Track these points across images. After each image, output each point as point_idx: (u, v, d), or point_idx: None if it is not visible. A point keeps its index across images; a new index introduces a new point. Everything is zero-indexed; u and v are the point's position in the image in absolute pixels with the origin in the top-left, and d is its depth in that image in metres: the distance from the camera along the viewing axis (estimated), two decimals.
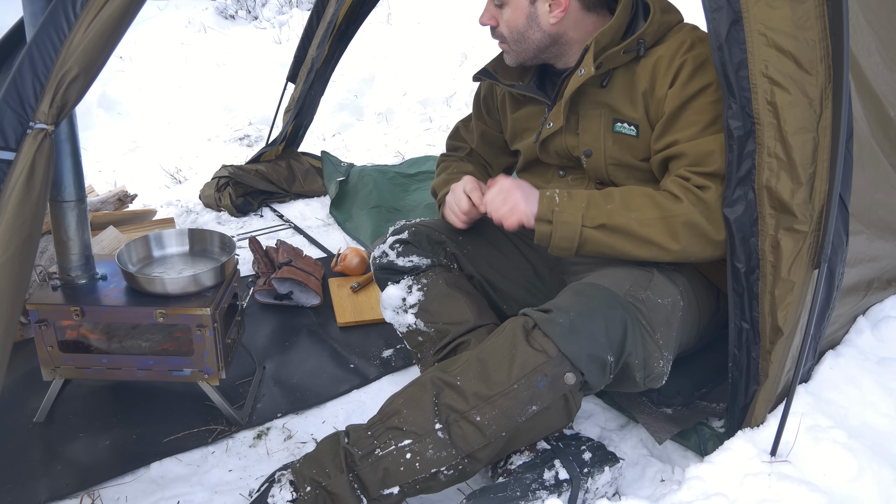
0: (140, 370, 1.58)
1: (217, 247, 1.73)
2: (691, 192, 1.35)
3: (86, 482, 1.47)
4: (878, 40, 1.51)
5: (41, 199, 1.15)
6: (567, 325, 1.26)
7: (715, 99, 1.38)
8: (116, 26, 1.19)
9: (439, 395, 1.27)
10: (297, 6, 6.71)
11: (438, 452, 1.24)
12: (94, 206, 2.53)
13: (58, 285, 1.58)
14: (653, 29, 1.44)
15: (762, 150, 1.27)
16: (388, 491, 1.24)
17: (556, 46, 1.53)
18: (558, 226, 1.39)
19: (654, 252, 1.38)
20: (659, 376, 1.36)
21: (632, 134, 1.49)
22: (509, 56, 1.59)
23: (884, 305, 1.75)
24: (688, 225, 1.35)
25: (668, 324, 1.37)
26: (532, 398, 1.24)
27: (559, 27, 1.49)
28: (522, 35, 1.51)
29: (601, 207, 1.38)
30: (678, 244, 1.36)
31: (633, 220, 1.36)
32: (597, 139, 1.53)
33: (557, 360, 1.24)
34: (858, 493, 1.26)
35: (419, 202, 2.89)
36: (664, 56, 1.42)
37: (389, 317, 1.66)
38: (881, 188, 1.56)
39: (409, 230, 1.67)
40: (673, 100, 1.40)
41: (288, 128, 3.01)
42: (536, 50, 1.53)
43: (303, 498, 1.24)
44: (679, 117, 1.40)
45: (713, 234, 1.35)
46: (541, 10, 1.48)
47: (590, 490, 1.35)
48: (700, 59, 1.40)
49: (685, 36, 1.44)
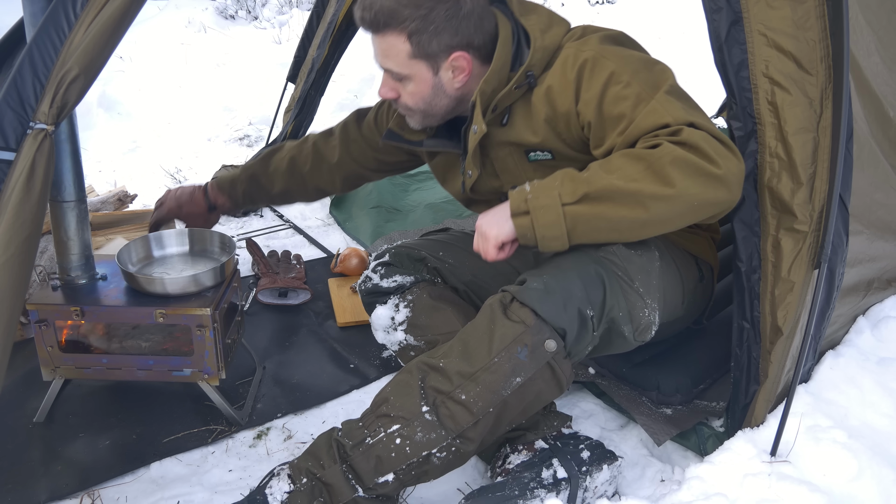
0: (140, 370, 1.58)
1: (217, 247, 1.73)
2: (666, 139, 1.23)
3: (86, 482, 1.47)
4: (878, 40, 1.51)
5: (41, 199, 1.15)
6: (542, 288, 1.25)
7: (624, 83, 1.30)
8: (117, 26, 1.19)
9: (425, 378, 1.28)
10: (297, 6, 6.71)
11: (428, 434, 1.24)
12: (94, 206, 2.53)
13: (58, 285, 1.58)
14: (538, 57, 1.40)
15: (764, 151, 1.27)
16: (383, 479, 1.24)
17: (461, 104, 1.51)
18: (536, 212, 1.26)
19: (653, 207, 1.22)
20: (647, 327, 1.34)
21: (548, 158, 1.46)
22: (413, 121, 1.55)
23: (884, 305, 1.75)
24: (676, 162, 1.20)
25: (646, 271, 1.33)
26: (514, 370, 1.24)
27: (464, 88, 1.47)
28: (429, 104, 1.48)
29: (577, 179, 1.26)
30: (673, 187, 1.20)
31: (617, 179, 1.22)
32: (517, 175, 1.50)
33: (536, 329, 1.24)
34: (858, 493, 1.27)
35: (419, 202, 2.89)
36: (554, 79, 1.38)
37: (381, 338, 1.67)
38: (880, 188, 1.57)
39: (390, 252, 1.68)
40: (587, 108, 1.34)
41: (288, 128, 3.01)
42: (444, 114, 1.52)
43: (299, 490, 1.25)
44: (603, 119, 1.33)
45: (708, 166, 1.20)
46: (445, 79, 1.45)
47: (589, 489, 1.35)
48: (590, 59, 1.34)
49: (567, 51, 1.39)
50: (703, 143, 1.20)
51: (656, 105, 1.26)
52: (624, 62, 1.32)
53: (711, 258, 1.59)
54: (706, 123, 1.25)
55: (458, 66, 1.43)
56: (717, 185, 1.21)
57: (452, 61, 1.42)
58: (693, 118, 1.24)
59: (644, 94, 1.29)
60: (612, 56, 1.34)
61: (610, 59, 1.33)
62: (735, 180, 1.23)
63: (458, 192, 1.66)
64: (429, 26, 1.37)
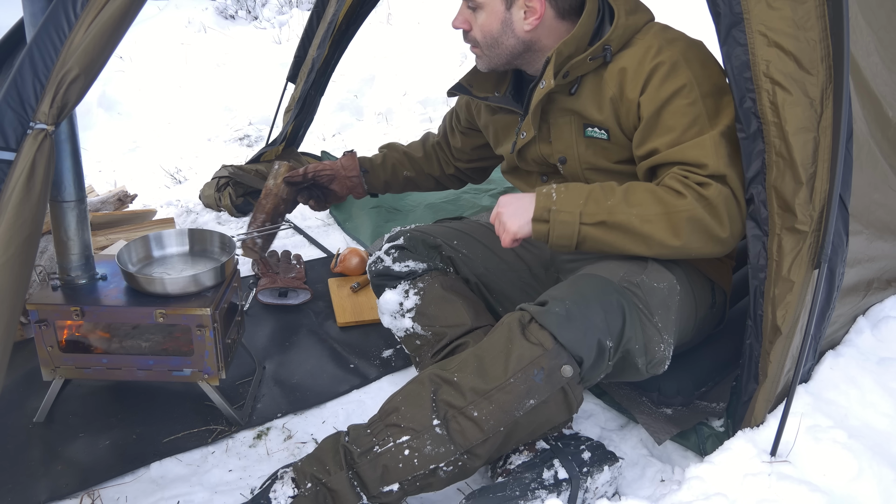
0: (140, 370, 1.58)
1: (217, 247, 1.73)
2: (692, 189, 1.33)
3: (86, 482, 1.47)
4: (878, 41, 1.51)
5: (41, 199, 1.15)
6: (563, 314, 1.26)
7: (691, 100, 1.36)
8: (117, 26, 1.19)
9: (437, 391, 1.27)
10: (297, 6, 6.70)
11: (437, 448, 1.24)
12: (94, 206, 2.53)
13: (58, 285, 1.58)
14: (618, 34, 1.42)
15: (770, 150, 1.27)
16: (388, 488, 1.24)
17: (529, 53, 1.53)
18: (555, 225, 1.37)
19: (655, 249, 1.36)
20: (661, 361, 1.36)
21: (603, 138, 1.49)
22: (481, 61, 1.58)
23: (884, 305, 1.75)
24: (691, 221, 1.32)
25: (666, 307, 1.36)
26: (529, 392, 1.24)
27: (533, 34, 1.49)
28: (496, 40, 1.50)
29: (601, 203, 1.36)
30: (679, 240, 1.33)
31: (635, 217, 1.34)
32: (569, 146, 1.52)
33: (554, 353, 1.24)
34: (858, 494, 1.26)
35: (419, 202, 2.88)
36: (631, 62, 1.41)
37: (387, 322, 1.66)
38: (879, 189, 1.57)
39: (405, 235, 1.68)
40: (648, 106, 1.39)
41: (288, 128, 3.00)
42: (510, 56, 1.53)
43: (303, 494, 1.25)
44: (657, 123, 1.39)
45: (717, 230, 1.33)
46: (516, 17, 1.47)
47: (589, 489, 1.35)
48: (670, 61, 1.38)
49: (652, 40, 1.42)
50: (722, 206, 1.32)
51: (707, 140, 1.33)
52: (699, 80, 1.37)
53: (726, 283, 1.60)
54: (736, 181, 1.32)
55: (532, 6, 1.46)
56: (716, 244, 1.35)
57: (527, 0, 1.45)
58: (728, 172, 1.32)
59: (702, 121, 1.35)
60: (693, 67, 1.38)
61: (689, 70, 1.37)
62: (734, 241, 1.35)
63: (508, 151, 1.67)
64: None
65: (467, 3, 1.51)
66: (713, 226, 1.32)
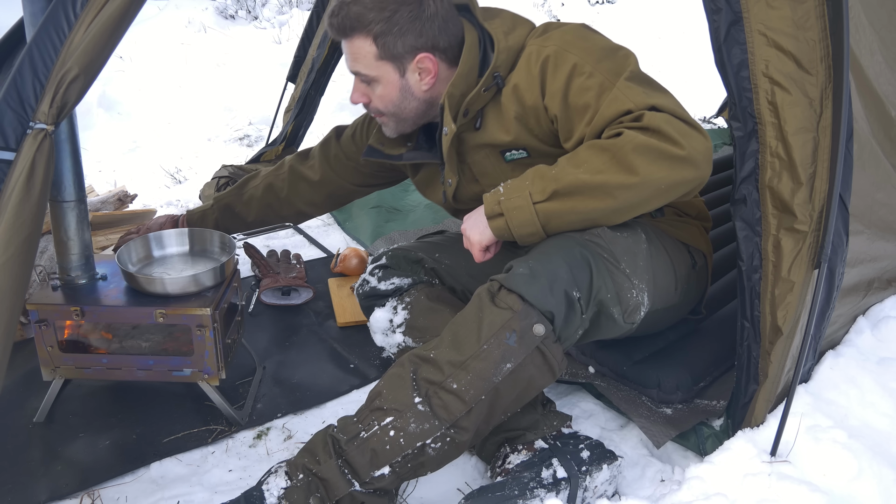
0: (140, 370, 1.58)
1: (217, 247, 1.73)
2: (629, 126, 1.26)
3: (86, 482, 1.47)
4: (880, 40, 1.51)
5: (41, 199, 1.15)
6: (527, 273, 1.26)
7: (588, 73, 1.33)
8: (116, 26, 1.20)
9: (417, 370, 1.28)
10: (297, 6, 6.71)
11: (421, 425, 1.24)
12: (94, 206, 2.53)
13: (58, 285, 1.58)
14: (503, 58, 1.43)
15: (765, 150, 1.27)
16: (379, 472, 1.25)
17: (432, 109, 1.54)
18: (510, 213, 1.32)
19: (621, 197, 1.26)
20: (636, 308, 1.35)
21: (523, 156, 1.49)
22: (388, 128, 1.58)
23: (884, 305, 1.75)
24: (639, 149, 1.23)
25: (632, 252, 1.34)
26: (504, 356, 1.24)
27: (432, 91, 1.50)
28: (399, 107, 1.51)
29: (546, 176, 1.30)
30: (637, 175, 1.23)
31: (584, 173, 1.27)
32: (497, 177, 1.51)
33: (523, 313, 1.24)
34: (858, 494, 1.27)
35: (419, 202, 2.88)
36: (520, 75, 1.41)
37: (380, 340, 1.67)
38: (882, 188, 1.57)
39: (387, 255, 1.69)
40: (553, 101, 1.37)
41: (288, 128, 3.01)
42: (415, 117, 1.54)
43: (295, 485, 1.26)
44: (569, 110, 1.36)
45: (672, 149, 1.23)
46: (412, 80, 1.48)
47: (588, 489, 1.35)
48: (553, 54, 1.37)
49: (531, 47, 1.42)
50: (665, 126, 1.23)
51: (618, 93, 1.30)
52: (586, 53, 1.35)
53: (703, 245, 1.60)
54: (668, 104, 1.27)
55: (424, 67, 1.46)
56: (682, 166, 1.24)
57: (418, 63, 1.46)
58: (654, 101, 1.27)
59: (606, 83, 1.32)
60: (574, 48, 1.37)
61: (572, 52, 1.36)
62: (701, 158, 1.25)
63: (441, 201, 1.68)
64: (393, 28, 1.42)
65: (360, 78, 1.50)
66: (665, 146, 1.23)
